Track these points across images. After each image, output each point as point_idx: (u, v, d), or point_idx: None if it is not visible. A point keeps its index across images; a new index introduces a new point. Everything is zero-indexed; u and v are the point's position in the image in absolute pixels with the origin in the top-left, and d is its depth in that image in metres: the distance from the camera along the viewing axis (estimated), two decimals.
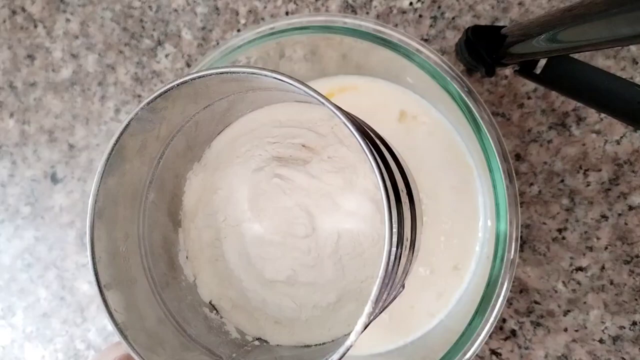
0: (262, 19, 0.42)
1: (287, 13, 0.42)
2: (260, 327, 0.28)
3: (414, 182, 0.29)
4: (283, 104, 0.29)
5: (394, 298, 0.25)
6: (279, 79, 0.19)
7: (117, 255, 0.23)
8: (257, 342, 0.27)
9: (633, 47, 0.37)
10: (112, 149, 0.21)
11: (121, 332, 0.21)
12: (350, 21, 0.33)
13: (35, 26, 0.46)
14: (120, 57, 0.45)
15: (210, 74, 0.20)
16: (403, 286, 0.25)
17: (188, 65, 0.44)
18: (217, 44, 0.43)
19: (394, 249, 0.19)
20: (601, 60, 0.38)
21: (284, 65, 0.37)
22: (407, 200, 0.24)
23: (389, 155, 0.24)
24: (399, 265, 0.21)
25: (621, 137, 0.37)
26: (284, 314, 0.28)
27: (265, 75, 0.20)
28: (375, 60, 0.36)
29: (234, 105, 0.27)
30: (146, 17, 0.44)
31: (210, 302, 0.28)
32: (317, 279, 0.28)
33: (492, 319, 0.30)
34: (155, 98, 0.21)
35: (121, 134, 0.22)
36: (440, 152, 0.36)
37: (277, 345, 0.28)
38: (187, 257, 0.28)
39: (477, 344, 0.30)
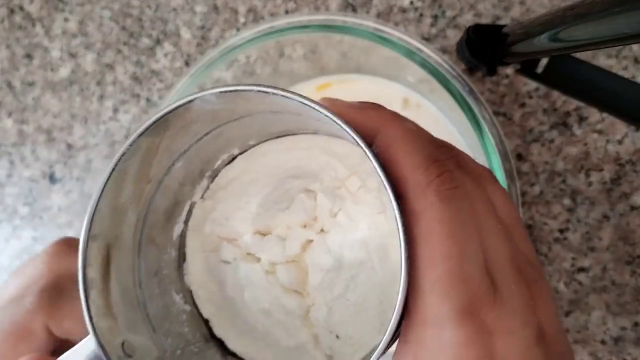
0: (262, 17, 0.42)
1: (286, 12, 0.42)
2: (227, 330, 0.27)
3: None
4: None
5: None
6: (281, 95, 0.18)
7: (116, 209, 0.22)
8: (210, 344, 0.26)
9: (635, 46, 0.37)
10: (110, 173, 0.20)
11: (84, 286, 0.20)
12: (350, 20, 0.32)
13: (34, 25, 0.46)
14: (119, 57, 0.45)
15: (210, 94, 0.19)
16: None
17: (187, 65, 0.44)
18: (217, 43, 0.43)
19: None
20: (603, 60, 0.37)
21: (284, 64, 0.37)
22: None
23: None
24: None
25: (623, 137, 0.37)
26: (268, 334, 0.26)
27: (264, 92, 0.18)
28: (375, 59, 0.36)
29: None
30: (145, 16, 0.44)
31: (189, 289, 0.27)
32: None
33: None
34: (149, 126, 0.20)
35: (119, 159, 0.20)
36: None
37: (233, 355, 0.26)
38: (183, 233, 0.27)
39: None
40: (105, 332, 0.20)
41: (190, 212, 0.27)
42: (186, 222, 0.27)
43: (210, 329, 0.27)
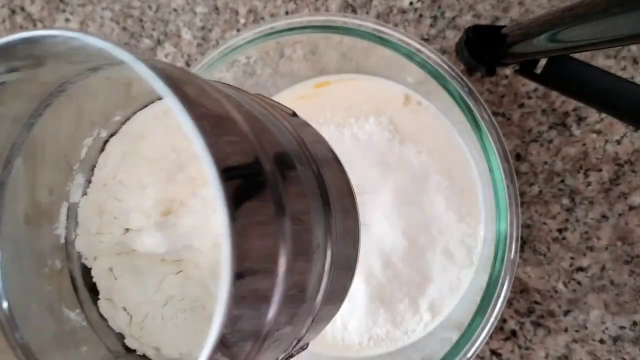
0: (262, 18, 0.42)
1: (286, 12, 0.42)
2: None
3: (347, 185, 0.24)
4: None
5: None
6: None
7: None
8: None
9: (633, 47, 0.37)
10: None
11: None
12: (350, 21, 0.33)
13: (35, 26, 0.46)
14: None
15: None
16: (303, 347, 0.20)
17: (188, 65, 0.44)
18: (217, 43, 0.43)
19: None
20: (602, 60, 0.37)
21: (284, 65, 0.37)
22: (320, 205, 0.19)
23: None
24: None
25: (622, 137, 0.37)
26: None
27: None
28: (375, 60, 0.36)
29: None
30: (146, 16, 0.44)
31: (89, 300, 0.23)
32: None
33: (492, 319, 0.30)
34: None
35: None
36: (442, 145, 0.36)
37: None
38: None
39: (477, 344, 0.30)
40: None
41: (69, 215, 0.24)
42: (66, 227, 0.24)
43: (123, 343, 0.24)
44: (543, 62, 0.31)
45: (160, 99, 0.23)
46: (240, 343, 0.15)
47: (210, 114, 0.15)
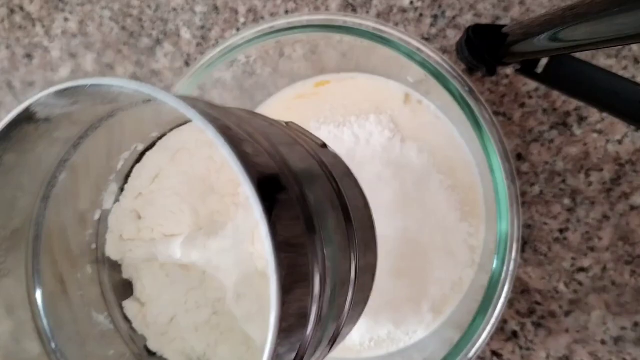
0: (262, 17, 0.42)
1: (286, 12, 0.42)
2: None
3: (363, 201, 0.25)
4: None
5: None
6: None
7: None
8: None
9: (635, 46, 0.37)
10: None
11: None
12: (350, 20, 0.32)
13: (34, 25, 0.46)
14: (119, 57, 0.45)
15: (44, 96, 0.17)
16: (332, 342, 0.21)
17: (187, 65, 0.44)
18: (217, 43, 0.43)
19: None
20: (603, 60, 0.37)
21: (284, 65, 0.37)
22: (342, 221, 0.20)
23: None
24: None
25: (623, 137, 0.37)
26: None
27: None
28: (375, 60, 0.36)
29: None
30: (145, 16, 0.44)
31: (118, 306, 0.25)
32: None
33: (493, 319, 0.30)
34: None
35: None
36: (443, 144, 0.36)
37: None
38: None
39: (478, 345, 0.30)
40: None
41: (100, 221, 0.25)
42: (97, 233, 0.25)
43: (145, 346, 0.25)
44: (544, 61, 0.31)
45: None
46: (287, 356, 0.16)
47: (241, 137, 0.16)
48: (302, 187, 0.18)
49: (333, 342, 0.21)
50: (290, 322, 0.15)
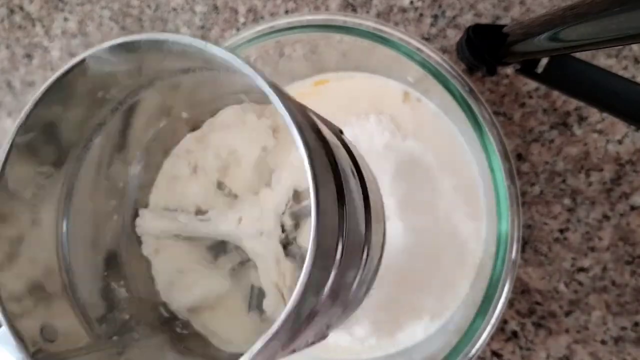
0: (262, 17, 0.42)
1: (286, 12, 0.42)
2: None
3: (375, 184, 0.27)
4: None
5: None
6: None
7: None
8: (157, 331, 0.25)
9: (635, 46, 0.37)
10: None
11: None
12: (350, 20, 0.32)
13: (34, 25, 0.46)
14: None
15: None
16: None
17: None
18: (216, 43, 0.43)
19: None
20: (603, 60, 0.37)
21: (284, 64, 0.37)
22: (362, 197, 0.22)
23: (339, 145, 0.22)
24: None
25: (623, 137, 0.37)
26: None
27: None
28: (375, 59, 0.36)
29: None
30: (145, 16, 0.44)
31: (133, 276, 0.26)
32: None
33: (493, 320, 0.30)
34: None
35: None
36: (443, 143, 0.36)
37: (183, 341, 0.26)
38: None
39: (478, 345, 0.30)
40: (17, 316, 0.19)
41: (128, 190, 0.26)
42: (123, 203, 0.26)
43: (160, 315, 0.26)
44: (544, 61, 0.31)
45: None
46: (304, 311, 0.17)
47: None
48: (330, 149, 0.19)
49: (344, 307, 0.23)
50: (324, 246, 0.16)
